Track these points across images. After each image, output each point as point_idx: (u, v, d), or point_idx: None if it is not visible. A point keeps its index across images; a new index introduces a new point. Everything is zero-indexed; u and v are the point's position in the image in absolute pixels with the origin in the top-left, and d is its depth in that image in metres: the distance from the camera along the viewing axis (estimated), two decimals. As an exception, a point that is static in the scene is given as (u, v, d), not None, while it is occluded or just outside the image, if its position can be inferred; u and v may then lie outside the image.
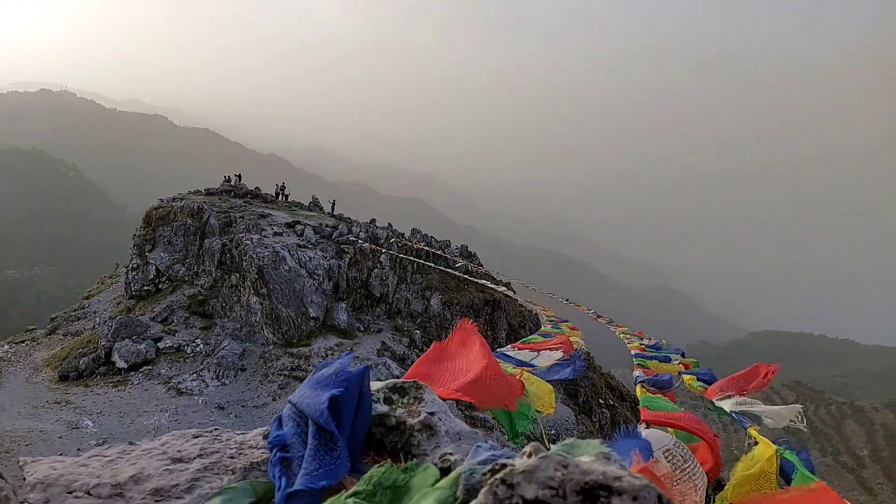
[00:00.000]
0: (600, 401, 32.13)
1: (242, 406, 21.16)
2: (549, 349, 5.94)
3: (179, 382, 22.10)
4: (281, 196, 39.05)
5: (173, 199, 33.13)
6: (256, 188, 38.72)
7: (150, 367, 22.79)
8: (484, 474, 1.63)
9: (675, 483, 3.03)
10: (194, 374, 22.61)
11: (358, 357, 23.97)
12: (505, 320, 33.86)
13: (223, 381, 22.46)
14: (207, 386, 22.11)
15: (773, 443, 3.97)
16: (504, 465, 1.55)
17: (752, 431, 4.28)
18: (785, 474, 3.39)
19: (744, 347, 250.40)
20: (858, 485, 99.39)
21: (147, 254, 29.23)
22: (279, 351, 24.44)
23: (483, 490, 1.52)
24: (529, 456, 1.57)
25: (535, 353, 5.71)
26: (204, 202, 31.99)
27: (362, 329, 27.89)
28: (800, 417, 4.31)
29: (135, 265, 28.86)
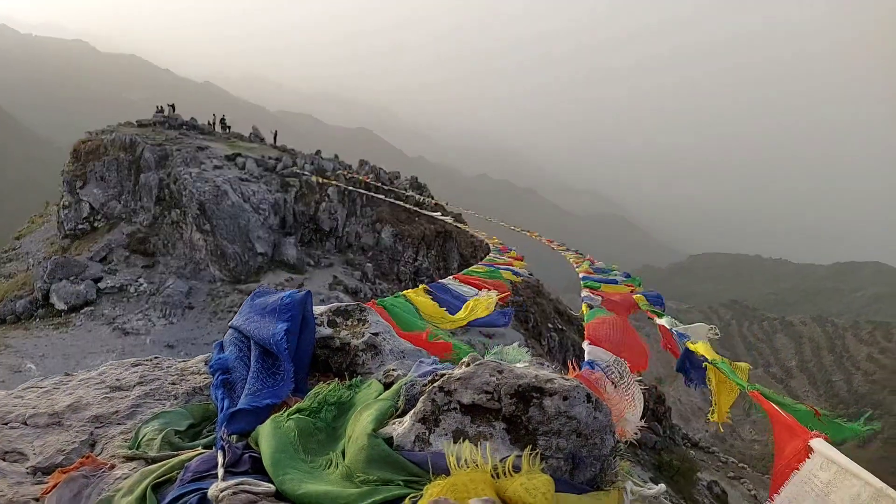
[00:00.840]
0: (549, 325, 33.32)
1: (192, 344, 20.95)
2: (488, 289, 6.08)
3: (125, 322, 21.60)
4: (219, 127, 37.20)
5: (102, 131, 31.10)
6: (192, 119, 36.74)
7: (91, 308, 22.11)
8: (424, 385, 1.69)
9: (610, 392, 3.21)
10: (140, 314, 22.10)
11: (309, 292, 23.87)
12: (457, 251, 34.19)
13: (171, 319, 22.07)
14: (154, 325, 21.70)
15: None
16: (443, 375, 1.61)
17: (689, 344, 4.59)
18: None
19: (685, 270, 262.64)
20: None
21: (78, 190, 27.70)
22: (227, 288, 24.07)
23: (422, 398, 1.58)
24: (467, 365, 1.63)
25: (475, 291, 5.84)
26: (136, 134, 30.20)
27: (312, 264, 27.65)
28: (714, 330, 4.69)
29: (66, 203, 27.38)
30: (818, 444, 2.20)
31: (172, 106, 35.98)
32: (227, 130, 37.28)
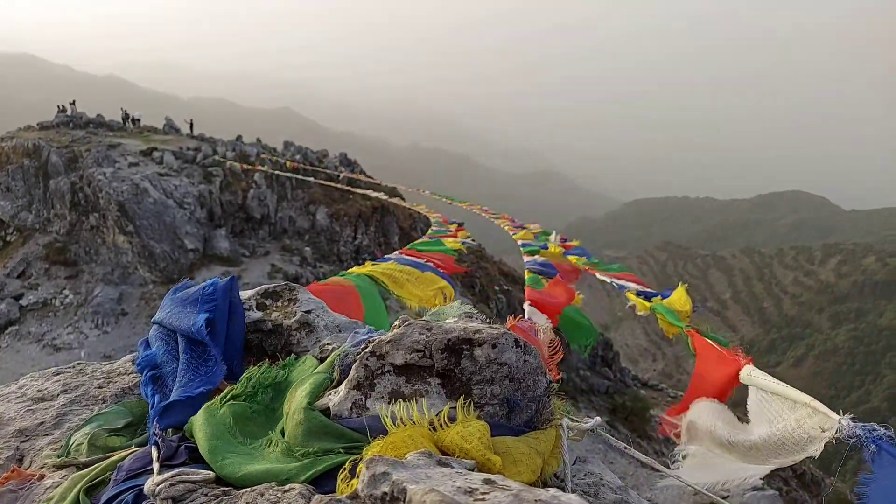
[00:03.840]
0: (495, 287, 33.86)
1: (132, 351, 19.99)
2: (434, 263, 6.09)
3: (54, 338, 20.59)
4: (129, 122, 35.21)
5: (1, 138, 28.99)
6: (99, 115, 34.63)
7: (16, 328, 20.92)
8: (358, 353, 1.70)
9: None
10: (70, 327, 21.09)
11: (248, 283, 23.28)
12: (396, 225, 33.97)
13: (104, 329, 21.16)
14: (87, 337, 20.78)
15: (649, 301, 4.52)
16: (373, 341, 1.62)
17: (630, 295, 4.83)
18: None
19: (619, 217, 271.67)
20: (724, 324, 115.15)
21: (-18, 205, 25.79)
22: (161, 289, 23.15)
23: (354, 365, 1.59)
24: (398, 328, 1.64)
25: (422, 261, 5.84)
26: (39, 138, 28.29)
27: (248, 254, 26.92)
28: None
29: (-30, 219, 25.48)
30: (750, 368, 2.42)
31: (73, 102, 33.74)
32: (137, 124, 35.39)
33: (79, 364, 2.14)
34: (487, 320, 1.84)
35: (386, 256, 5.85)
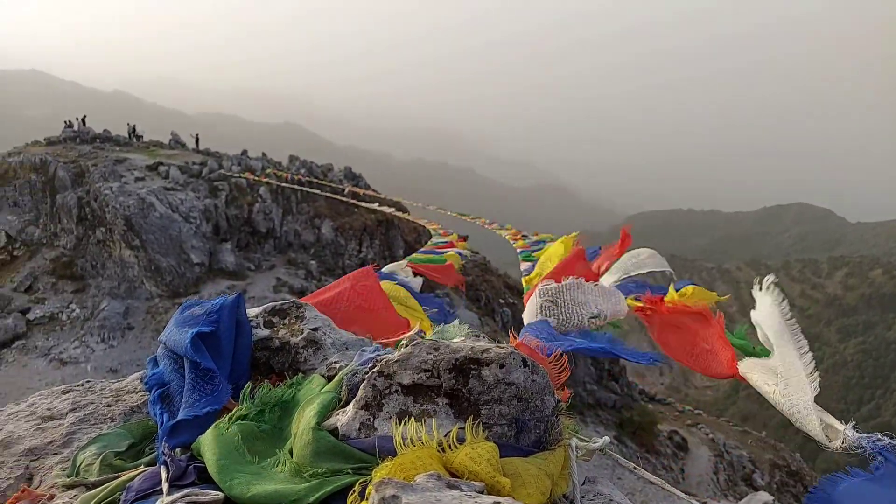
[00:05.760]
0: (500, 301, 33.78)
1: (137, 365, 20.18)
2: (434, 277, 6.08)
3: (61, 352, 20.62)
4: (134, 137, 35.56)
5: (9, 153, 29.32)
6: (105, 131, 34.96)
7: (23, 342, 20.97)
8: (366, 373, 1.70)
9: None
10: (76, 341, 21.12)
11: (254, 297, 23.30)
12: (401, 238, 34.02)
13: (110, 343, 21.18)
14: (94, 351, 20.81)
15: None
16: (382, 360, 1.63)
17: (630, 301, 4.73)
18: None
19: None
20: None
21: (-10, 220, 25.99)
22: (167, 303, 23.21)
23: (363, 385, 1.59)
24: (405, 347, 1.65)
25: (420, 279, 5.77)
26: (47, 153, 28.56)
27: (253, 268, 26.98)
28: (660, 261, 4.74)
29: (-22, 234, 25.65)
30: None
31: (83, 119, 34.13)
32: (140, 140, 35.81)
33: (88, 382, 2.15)
34: (493, 339, 1.83)
35: (390, 266, 5.82)
